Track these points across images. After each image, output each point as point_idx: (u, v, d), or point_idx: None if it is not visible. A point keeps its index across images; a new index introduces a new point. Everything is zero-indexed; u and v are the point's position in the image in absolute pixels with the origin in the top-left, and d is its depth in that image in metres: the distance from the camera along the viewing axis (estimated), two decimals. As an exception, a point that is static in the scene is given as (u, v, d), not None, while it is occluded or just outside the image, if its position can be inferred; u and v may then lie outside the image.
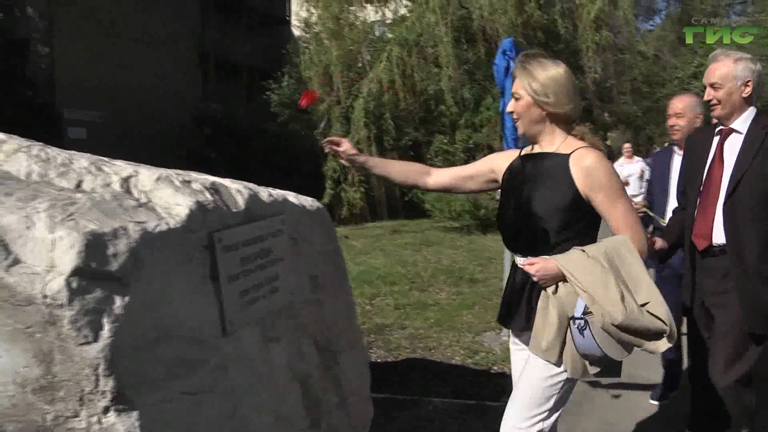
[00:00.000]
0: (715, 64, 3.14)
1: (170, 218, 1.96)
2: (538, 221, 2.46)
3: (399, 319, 6.97)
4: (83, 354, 1.64)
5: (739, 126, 3.11)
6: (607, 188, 2.40)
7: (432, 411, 4.36)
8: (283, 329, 2.52)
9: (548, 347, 2.38)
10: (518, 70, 2.52)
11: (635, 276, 2.29)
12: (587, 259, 2.29)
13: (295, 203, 2.75)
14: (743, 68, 3.05)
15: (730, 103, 3.08)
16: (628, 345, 2.26)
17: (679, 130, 4.25)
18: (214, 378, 2.05)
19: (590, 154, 2.42)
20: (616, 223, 2.43)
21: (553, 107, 2.47)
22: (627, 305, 2.19)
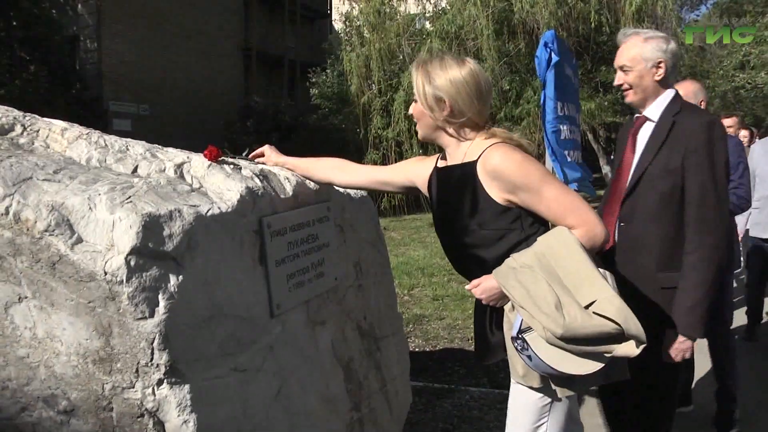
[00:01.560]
0: (623, 45, 2.77)
1: (222, 203, 2.04)
2: (468, 242, 2.18)
3: (437, 309, 7.02)
4: (140, 328, 1.72)
5: (652, 113, 2.75)
6: (524, 184, 2.04)
7: (470, 400, 4.39)
8: (327, 313, 2.58)
9: (525, 372, 2.09)
10: (414, 70, 2.23)
11: (574, 273, 1.95)
12: (516, 267, 2.00)
13: (340, 191, 2.81)
14: (653, 48, 2.67)
15: (641, 87, 2.72)
16: (594, 355, 1.93)
17: None
18: (262, 357, 2.12)
19: (494, 154, 2.07)
20: (552, 214, 2.07)
21: (449, 115, 2.15)
22: (566, 313, 1.88)
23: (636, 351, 1.89)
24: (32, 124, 2.33)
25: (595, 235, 2.03)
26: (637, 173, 2.68)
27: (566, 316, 1.87)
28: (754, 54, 17.87)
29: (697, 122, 2.59)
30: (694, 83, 4.03)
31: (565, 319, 1.86)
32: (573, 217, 2.02)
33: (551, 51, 5.73)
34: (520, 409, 2.21)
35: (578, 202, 2.06)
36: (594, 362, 1.92)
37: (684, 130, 2.59)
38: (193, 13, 24.77)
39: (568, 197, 2.05)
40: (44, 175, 1.91)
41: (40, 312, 1.80)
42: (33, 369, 1.83)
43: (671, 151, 2.59)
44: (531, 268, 1.96)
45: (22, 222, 1.77)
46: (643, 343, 1.89)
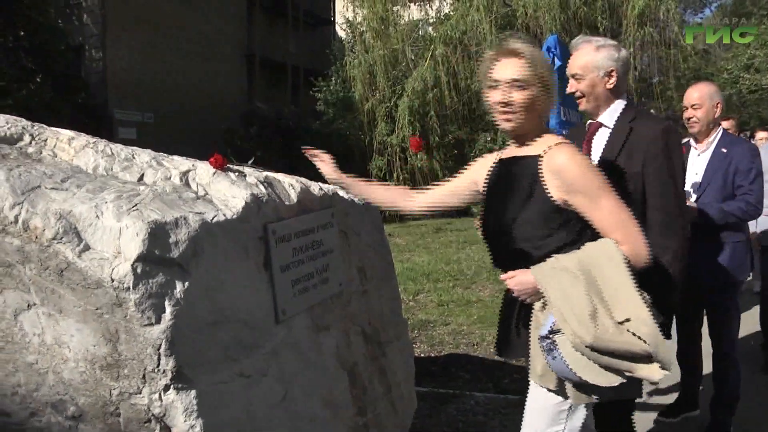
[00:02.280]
0: (575, 53, 2.77)
1: (227, 210, 2.06)
2: (515, 234, 2.15)
3: (442, 315, 7.02)
4: (146, 334, 1.75)
5: (606, 120, 2.76)
6: (583, 188, 2.05)
7: (475, 405, 4.40)
8: (332, 318, 2.60)
9: (543, 372, 2.09)
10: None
11: (615, 287, 1.95)
12: (557, 268, 2.00)
13: (344, 197, 2.84)
14: (605, 57, 2.68)
15: (593, 95, 2.72)
16: (616, 369, 1.93)
17: (697, 122, 3.83)
18: (267, 362, 2.15)
19: (560, 153, 2.09)
20: (602, 225, 2.06)
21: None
22: (599, 324, 1.89)
23: (658, 376, 1.89)
24: (40, 133, 2.36)
25: (638, 255, 2.03)
26: None
27: (599, 326, 1.87)
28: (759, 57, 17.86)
29: (654, 129, 2.62)
30: (709, 85, 4.01)
31: (597, 329, 1.87)
32: (621, 232, 2.03)
33: (554, 56, 5.75)
34: (537, 412, 2.21)
35: (630, 219, 2.07)
36: (614, 376, 1.92)
37: (642, 136, 2.61)
38: (197, 21, 24.89)
39: (621, 212, 2.06)
40: (52, 184, 1.94)
41: (49, 319, 1.83)
42: (42, 375, 1.86)
43: (629, 157, 2.61)
44: (573, 274, 1.96)
45: (31, 230, 1.80)
46: (668, 370, 1.89)
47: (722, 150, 3.76)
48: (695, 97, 3.84)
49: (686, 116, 3.93)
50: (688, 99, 3.90)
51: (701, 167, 3.86)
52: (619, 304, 1.92)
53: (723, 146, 3.78)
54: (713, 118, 3.81)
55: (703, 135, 3.87)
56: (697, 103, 3.82)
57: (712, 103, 3.80)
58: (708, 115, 3.80)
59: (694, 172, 3.90)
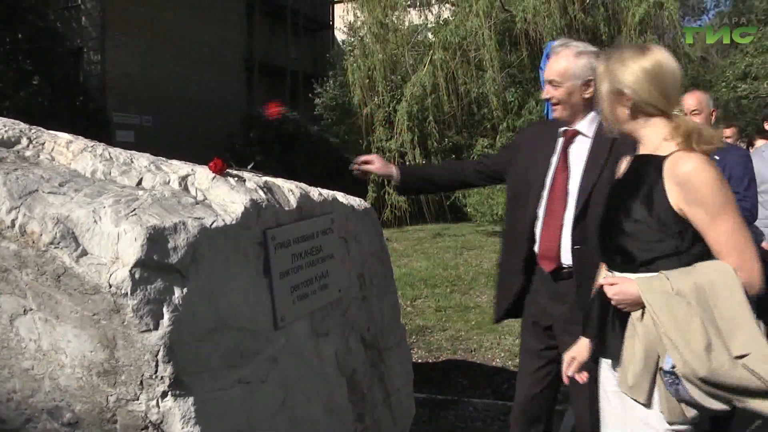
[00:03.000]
0: (554, 58, 2.67)
1: (226, 215, 2.04)
2: (627, 231, 2.06)
3: (440, 321, 7.01)
4: (144, 341, 1.73)
5: (585, 128, 2.68)
6: (705, 203, 1.91)
7: (473, 412, 4.39)
8: (331, 325, 2.59)
9: (635, 383, 1.97)
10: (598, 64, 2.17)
11: (732, 318, 1.81)
12: (670, 292, 1.87)
13: (344, 203, 2.82)
14: (584, 66, 2.58)
15: (570, 104, 2.64)
16: (724, 398, 1.83)
17: None
18: (266, 368, 2.13)
19: (688, 161, 1.94)
20: (718, 246, 1.92)
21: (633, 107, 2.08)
22: (714, 358, 1.77)
23: None
24: (38, 136, 2.34)
25: (752, 284, 1.89)
26: (584, 191, 2.59)
27: (713, 360, 1.77)
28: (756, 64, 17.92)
29: None
30: (703, 93, 3.99)
31: (712, 363, 1.77)
32: (737, 257, 1.90)
33: (553, 62, 5.73)
34: (619, 421, 2.12)
35: (748, 244, 1.93)
36: (720, 404, 1.85)
37: (627, 145, 2.46)
38: (196, 25, 24.90)
39: (740, 236, 1.93)
40: (50, 188, 1.92)
41: (45, 324, 1.81)
42: (38, 381, 1.84)
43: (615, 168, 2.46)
44: (687, 301, 1.84)
45: (28, 234, 1.78)
46: None
47: (715, 157, 3.78)
48: (693, 103, 3.82)
49: None
50: (687, 106, 3.80)
51: None
52: (737, 336, 1.80)
53: (716, 153, 3.77)
54: (711, 123, 3.83)
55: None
56: (696, 109, 3.80)
57: (710, 109, 3.84)
58: (707, 121, 3.77)
59: None
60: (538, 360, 2.87)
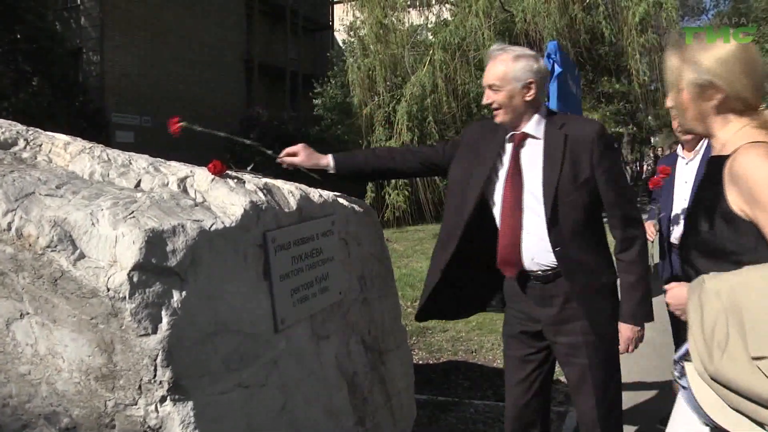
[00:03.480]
0: (491, 63, 2.62)
1: (226, 217, 2.02)
2: (699, 235, 1.92)
3: (440, 322, 6.96)
4: (142, 345, 1.71)
5: (533, 130, 2.63)
6: (762, 200, 1.70)
7: (475, 413, 4.36)
8: (332, 327, 2.56)
9: None
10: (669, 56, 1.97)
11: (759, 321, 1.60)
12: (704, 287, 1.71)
13: (344, 204, 2.80)
14: (523, 68, 2.54)
15: (511, 107, 2.59)
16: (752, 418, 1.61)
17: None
18: (267, 372, 2.11)
19: (743, 156, 1.77)
20: None
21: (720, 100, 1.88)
22: (729, 354, 1.60)
23: None
24: (35, 138, 2.32)
25: None
26: (550, 193, 2.54)
27: (728, 357, 1.60)
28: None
29: (591, 131, 2.57)
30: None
31: (726, 360, 1.59)
32: None
33: (554, 62, 5.74)
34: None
35: None
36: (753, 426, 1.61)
37: (580, 141, 2.54)
38: (196, 25, 24.88)
39: None
40: (47, 190, 1.90)
41: (42, 328, 1.78)
42: (34, 386, 1.82)
43: (574, 164, 2.52)
44: (718, 295, 1.67)
45: (25, 238, 1.75)
46: None
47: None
48: None
49: (675, 126, 3.72)
50: None
51: (690, 175, 3.84)
52: (758, 338, 1.59)
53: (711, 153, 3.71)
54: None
55: (692, 143, 3.84)
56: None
57: None
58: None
59: (683, 181, 3.88)
60: (525, 367, 2.82)
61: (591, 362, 2.65)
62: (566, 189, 2.52)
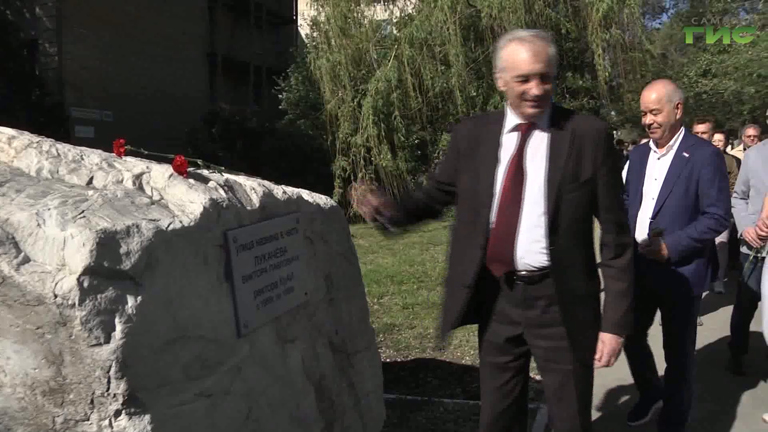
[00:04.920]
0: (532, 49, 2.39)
1: (184, 216, 1.91)
2: None
3: (408, 318, 6.91)
4: (94, 356, 1.58)
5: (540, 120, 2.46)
6: None
7: (445, 412, 4.28)
8: (298, 330, 2.46)
9: None
10: None
11: None
12: None
13: (309, 201, 2.69)
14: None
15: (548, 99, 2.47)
16: None
17: (659, 128, 3.50)
18: (230, 379, 2.00)
19: None
20: None
21: None
22: None
23: None
24: (-24, 132, 2.17)
25: None
26: (552, 191, 2.40)
27: None
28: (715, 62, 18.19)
29: (598, 129, 2.46)
30: (667, 84, 3.59)
31: None
32: None
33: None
34: None
35: None
36: None
37: (587, 137, 2.41)
38: (158, 18, 24.37)
39: None
40: (-12, 189, 1.76)
41: (-17, 339, 1.65)
42: (-25, 401, 1.68)
43: (578, 162, 2.39)
44: None
45: (-37, 240, 1.61)
46: None
47: (684, 154, 3.46)
48: (653, 99, 3.46)
49: (646, 122, 3.56)
50: (646, 102, 3.51)
51: (661, 172, 3.58)
52: None
53: (685, 149, 3.48)
54: (675, 120, 3.46)
55: (666, 139, 3.55)
56: (656, 108, 3.45)
57: (672, 104, 3.45)
58: (669, 119, 3.45)
59: (653, 177, 3.63)
60: (503, 375, 2.70)
61: (574, 368, 2.54)
62: (569, 186, 2.39)
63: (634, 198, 3.71)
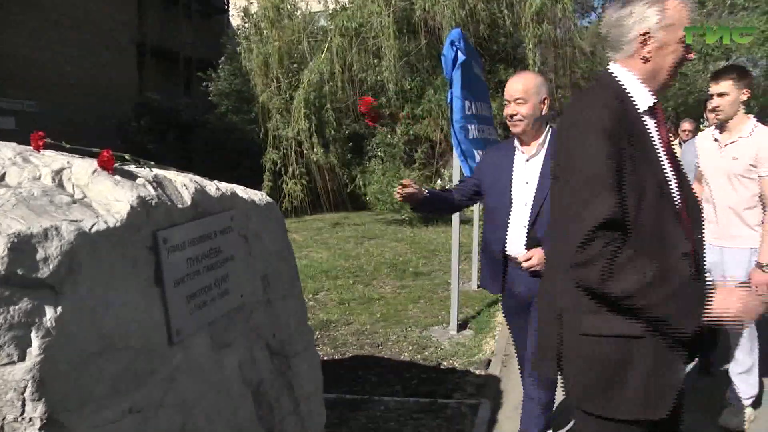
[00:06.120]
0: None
1: (109, 216, 1.75)
2: None
3: (344, 314, 6.83)
4: (6, 376, 1.42)
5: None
6: None
7: (385, 411, 4.22)
8: (234, 334, 2.33)
9: None
10: None
11: None
12: None
13: (244, 198, 2.55)
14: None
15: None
16: None
17: (522, 120, 3.27)
18: (162, 391, 1.85)
19: None
20: None
21: None
22: None
23: None
24: None
25: None
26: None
27: None
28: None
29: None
30: (536, 76, 3.41)
31: None
32: None
33: (458, 50, 5.65)
34: None
35: None
36: None
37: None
38: (85, 4, 23.40)
39: None
40: None
41: None
42: None
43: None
44: None
45: None
46: None
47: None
48: (519, 89, 3.25)
49: (508, 113, 3.32)
50: (510, 91, 3.29)
51: (533, 175, 3.30)
52: None
53: None
54: (540, 115, 3.28)
55: (530, 136, 3.32)
56: (522, 98, 3.24)
57: (539, 97, 3.26)
58: (534, 112, 3.25)
59: (523, 181, 3.33)
60: None
61: None
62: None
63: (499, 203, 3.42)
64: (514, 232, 3.34)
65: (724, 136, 3.90)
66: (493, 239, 3.47)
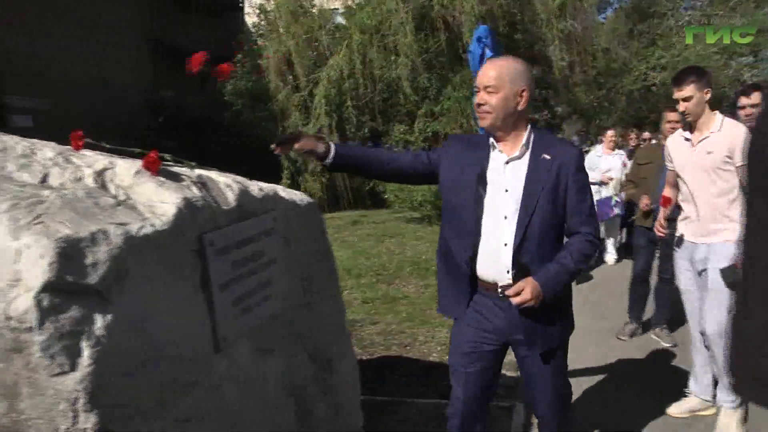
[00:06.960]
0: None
1: (155, 218, 1.67)
2: None
3: (369, 314, 6.75)
4: (58, 386, 1.35)
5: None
6: None
7: (417, 414, 4.13)
8: (276, 339, 2.25)
9: None
10: None
11: None
12: None
13: (285, 198, 2.47)
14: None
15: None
16: None
17: (490, 112, 2.57)
18: (207, 400, 1.78)
19: None
20: None
21: None
22: None
23: None
24: None
25: None
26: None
27: None
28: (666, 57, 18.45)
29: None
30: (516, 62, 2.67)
31: None
32: None
33: (485, 46, 5.57)
34: None
35: None
36: None
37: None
38: (98, 4, 23.48)
39: None
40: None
41: None
42: None
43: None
44: None
45: None
46: None
47: (545, 156, 2.58)
48: (492, 76, 2.57)
49: (476, 102, 2.64)
50: (481, 77, 2.63)
51: (515, 181, 2.59)
52: None
53: (544, 150, 2.61)
54: (513, 110, 2.57)
55: (505, 132, 2.63)
56: (493, 85, 2.56)
57: (515, 88, 2.57)
58: (506, 104, 2.56)
59: (502, 188, 2.60)
60: None
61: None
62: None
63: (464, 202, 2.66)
64: (489, 249, 2.61)
65: (695, 135, 3.90)
66: (456, 249, 2.68)
